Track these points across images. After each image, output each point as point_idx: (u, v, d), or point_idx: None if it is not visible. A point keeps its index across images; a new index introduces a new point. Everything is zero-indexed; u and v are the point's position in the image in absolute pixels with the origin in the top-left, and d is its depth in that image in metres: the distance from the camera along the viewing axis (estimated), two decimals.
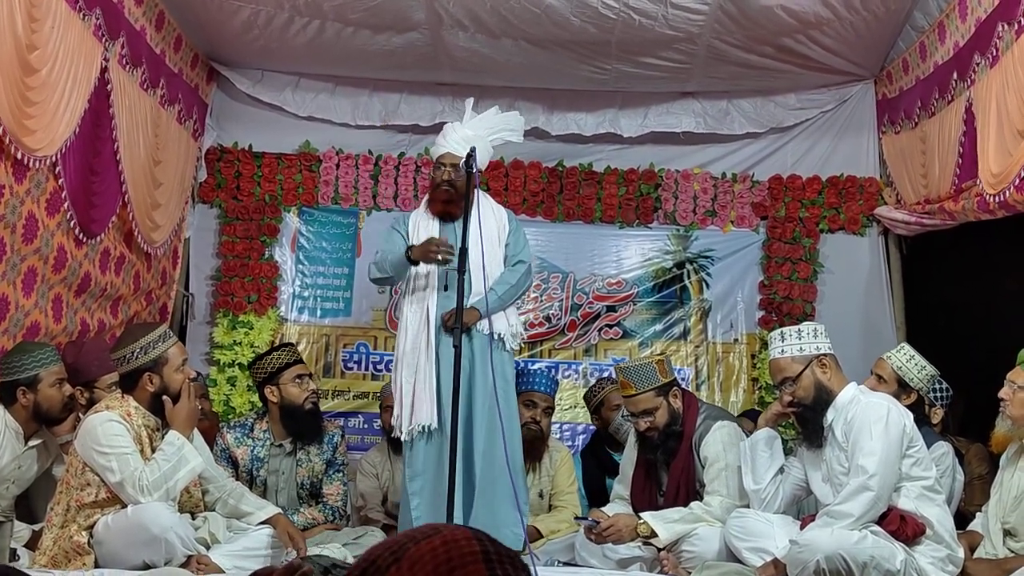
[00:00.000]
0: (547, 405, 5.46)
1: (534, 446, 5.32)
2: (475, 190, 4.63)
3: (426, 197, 5.14)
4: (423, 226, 4.95)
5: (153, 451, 4.01)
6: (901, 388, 4.62)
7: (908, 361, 4.71)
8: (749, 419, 5.46)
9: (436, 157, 4.98)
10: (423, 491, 4.73)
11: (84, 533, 3.88)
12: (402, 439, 4.82)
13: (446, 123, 5.15)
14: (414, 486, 4.76)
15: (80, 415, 4.44)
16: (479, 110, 5.13)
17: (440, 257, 4.69)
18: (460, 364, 4.43)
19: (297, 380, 4.97)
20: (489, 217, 4.91)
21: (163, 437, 4.06)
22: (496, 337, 4.79)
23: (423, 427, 4.71)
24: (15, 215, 4.22)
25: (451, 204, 4.90)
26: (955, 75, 5.20)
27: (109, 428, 3.91)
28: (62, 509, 3.94)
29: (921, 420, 4.38)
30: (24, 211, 4.29)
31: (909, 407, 4.30)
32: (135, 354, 4.05)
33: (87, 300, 5.14)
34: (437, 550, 1.22)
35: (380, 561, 1.24)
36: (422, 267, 4.85)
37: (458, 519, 4.46)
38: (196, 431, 4.25)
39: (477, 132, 4.90)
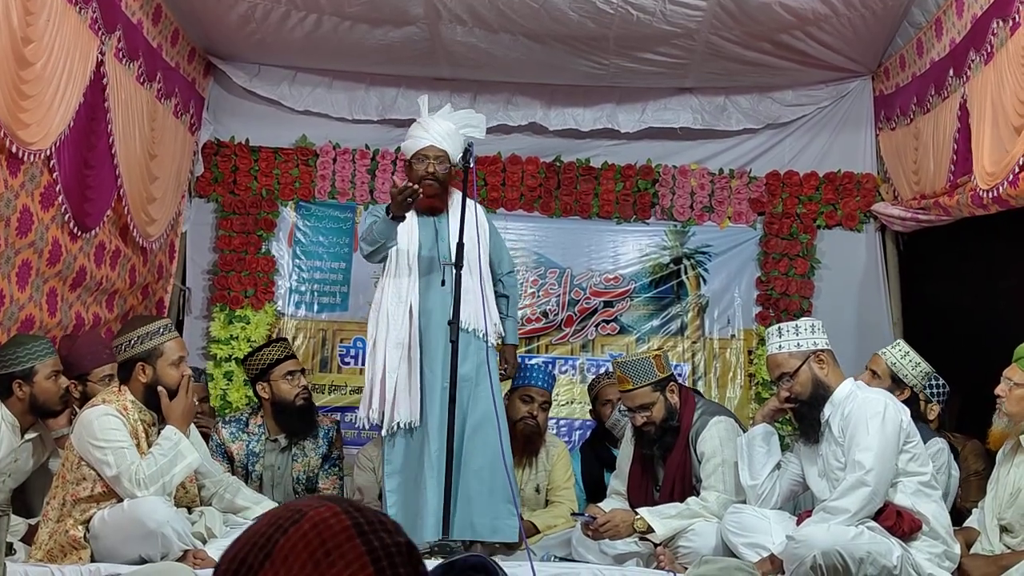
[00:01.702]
0: (544, 400, 5.46)
1: (531, 441, 5.32)
2: (473, 184, 4.63)
3: None
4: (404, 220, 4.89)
5: (149, 446, 4.00)
6: (895, 384, 4.62)
7: (903, 357, 4.72)
8: None
9: (416, 150, 4.85)
10: (399, 489, 4.69)
11: (80, 527, 3.87)
12: (381, 435, 4.79)
13: (416, 120, 5.05)
14: (392, 483, 4.72)
15: (75, 408, 4.43)
16: (477, 108, 5.13)
17: (410, 196, 4.51)
18: (456, 360, 4.43)
19: (288, 376, 4.96)
20: (468, 211, 4.92)
21: (159, 432, 4.05)
22: (478, 335, 4.77)
23: (405, 424, 4.69)
24: (9, 208, 4.21)
25: (435, 198, 4.86)
26: (951, 72, 5.20)
27: (105, 422, 3.90)
28: (58, 503, 3.93)
29: (916, 416, 4.38)
30: (18, 204, 4.28)
31: (903, 403, 4.31)
32: (131, 343, 4.05)
33: (82, 294, 5.13)
34: (308, 535, 1.15)
35: (250, 559, 1.17)
36: (402, 261, 4.80)
37: (434, 519, 4.44)
38: (192, 426, 4.25)
39: (458, 127, 4.88)
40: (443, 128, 4.86)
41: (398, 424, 4.68)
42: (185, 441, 4.02)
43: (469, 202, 4.68)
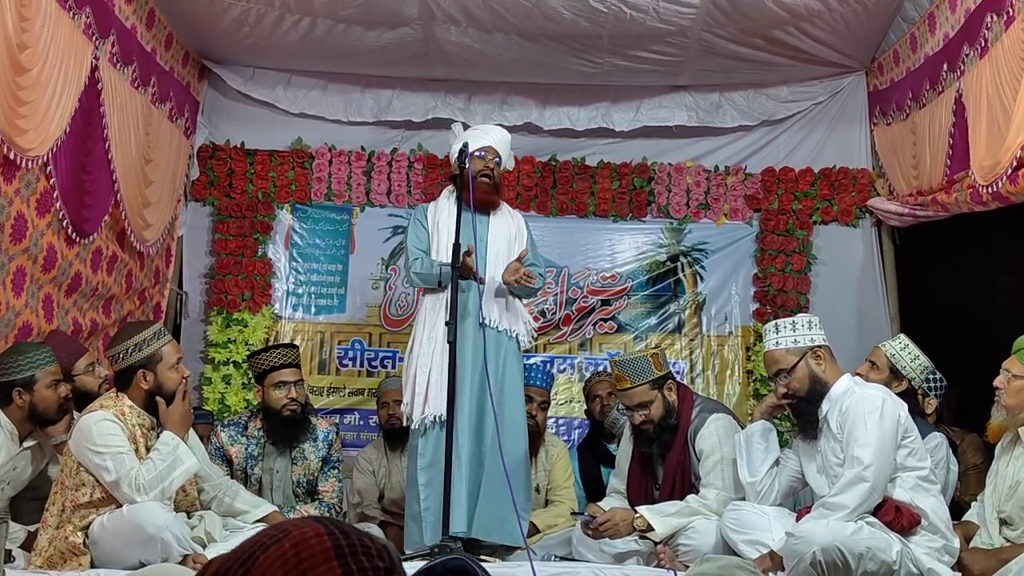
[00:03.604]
0: (543, 399, 5.47)
1: (530, 440, 5.32)
2: (469, 187, 4.65)
3: (450, 191, 4.98)
4: (444, 222, 4.83)
5: (148, 450, 4.00)
6: (893, 375, 4.64)
7: (902, 350, 4.73)
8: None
9: (477, 147, 4.84)
10: (433, 483, 4.66)
11: (80, 534, 3.86)
12: (412, 428, 4.77)
13: (483, 124, 5.23)
14: (424, 477, 4.68)
15: (75, 412, 4.44)
16: (465, 111, 5.16)
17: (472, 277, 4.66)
18: (455, 361, 4.43)
19: (278, 386, 4.93)
20: (507, 217, 4.95)
21: (158, 436, 4.05)
22: (511, 335, 4.81)
23: (435, 417, 4.69)
24: (3, 215, 4.21)
25: (489, 195, 4.88)
26: (945, 66, 5.21)
27: (104, 427, 3.90)
28: (57, 510, 3.93)
29: (914, 410, 4.39)
30: (13, 211, 4.27)
31: (900, 395, 4.31)
32: (129, 351, 4.05)
33: (79, 300, 5.12)
34: (287, 554, 1.18)
35: (230, 574, 1.20)
36: (441, 259, 4.81)
37: (462, 512, 4.46)
38: (191, 431, 4.25)
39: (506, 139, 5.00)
40: (501, 135, 4.98)
41: (427, 418, 4.68)
42: (183, 446, 4.02)
43: (507, 208, 4.85)
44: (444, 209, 4.90)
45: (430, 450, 4.71)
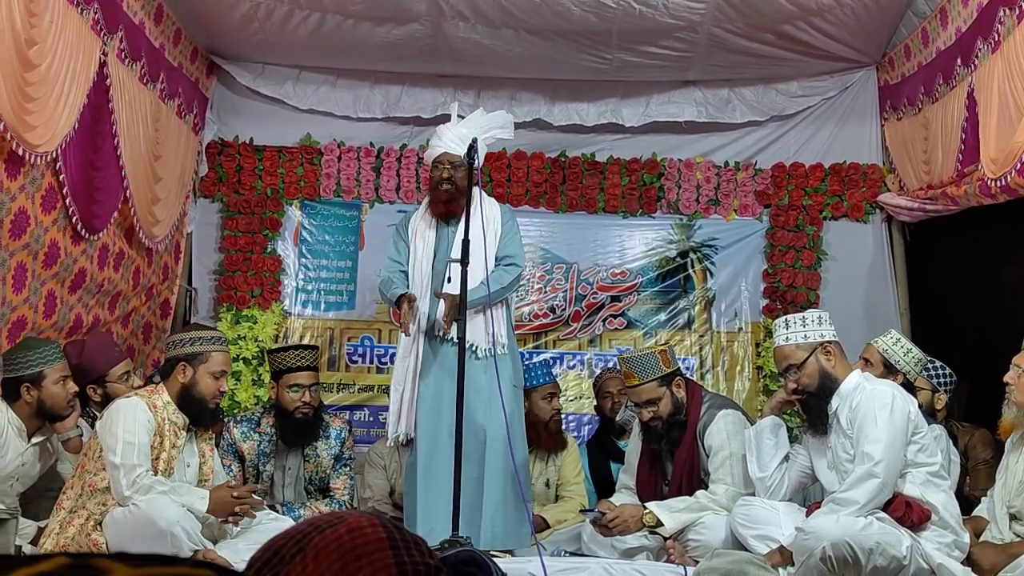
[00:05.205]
0: (557, 391, 5.55)
1: (558, 437, 5.40)
2: (478, 183, 4.66)
3: (426, 199, 5.09)
4: (421, 232, 4.88)
5: (173, 447, 4.04)
6: (887, 370, 4.63)
7: (894, 344, 4.73)
8: None
9: (433, 159, 4.89)
10: (410, 493, 4.75)
11: (100, 530, 3.89)
12: (388, 445, 4.95)
13: (439, 125, 5.10)
14: (408, 486, 4.80)
15: (97, 411, 4.48)
16: (474, 107, 5.18)
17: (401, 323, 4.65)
18: (464, 357, 4.40)
19: (294, 388, 4.96)
20: (479, 217, 4.91)
21: (187, 435, 4.14)
22: (472, 348, 4.66)
23: (404, 435, 4.73)
24: (3, 211, 4.19)
25: (452, 203, 4.85)
26: (958, 60, 5.18)
27: (132, 413, 3.98)
28: (75, 493, 3.99)
29: None
30: (15, 207, 4.26)
31: None
32: (181, 342, 4.18)
33: (84, 296, 5.11)
34: (342, 538, 1.19)
35: (284, 551, 1.21)
36: (416, 272, 4.83)
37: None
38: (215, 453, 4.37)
39: (471, 131, 4.87)
40: (457, 134, 4.84)
41: (400, 436, 4.75)
42: (200, 504, 4.02)
43: (480, 201, 4.73)
44: (422, 223, 4.94)
45: (414, 462, 4.77)
